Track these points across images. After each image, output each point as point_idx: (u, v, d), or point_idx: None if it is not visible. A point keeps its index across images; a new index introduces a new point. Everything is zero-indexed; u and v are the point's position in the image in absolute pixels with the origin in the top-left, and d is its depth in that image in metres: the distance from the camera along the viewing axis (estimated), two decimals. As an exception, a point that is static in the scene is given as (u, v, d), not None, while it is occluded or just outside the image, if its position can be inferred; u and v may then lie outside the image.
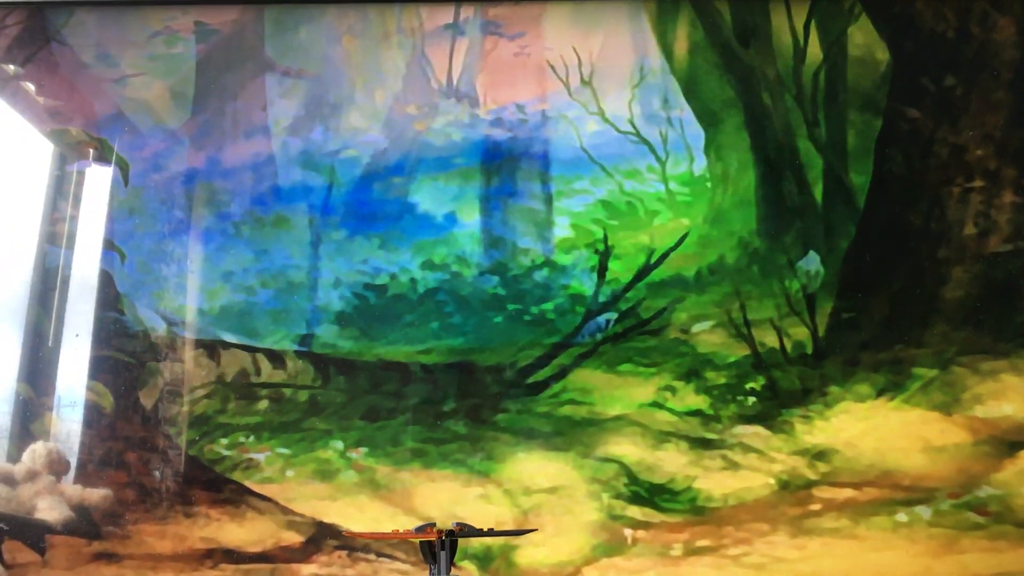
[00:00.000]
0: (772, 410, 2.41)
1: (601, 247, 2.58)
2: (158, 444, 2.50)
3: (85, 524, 2.42)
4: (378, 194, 2.67)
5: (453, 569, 1.72)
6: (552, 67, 2.71)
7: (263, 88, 2.78)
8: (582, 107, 2.67)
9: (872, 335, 2.44)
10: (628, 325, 2.52)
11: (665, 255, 2.57)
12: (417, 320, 2.56)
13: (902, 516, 2.30)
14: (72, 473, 2.48)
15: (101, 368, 2.57)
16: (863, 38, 2.66)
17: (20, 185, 2.75)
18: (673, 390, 2.45)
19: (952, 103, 2.58)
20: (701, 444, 2.40)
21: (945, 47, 2.63)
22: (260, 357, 2.57)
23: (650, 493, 2.38)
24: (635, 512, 2.37)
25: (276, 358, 2.57)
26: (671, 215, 2.59)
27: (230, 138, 2.74)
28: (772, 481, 2.36)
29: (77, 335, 2.60)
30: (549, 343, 2.52)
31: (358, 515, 2.41)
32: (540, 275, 2.57)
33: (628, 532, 2.36)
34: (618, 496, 2.39)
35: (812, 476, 2.36)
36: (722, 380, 2.45)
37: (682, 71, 2.68)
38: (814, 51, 2.67)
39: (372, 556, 2.38)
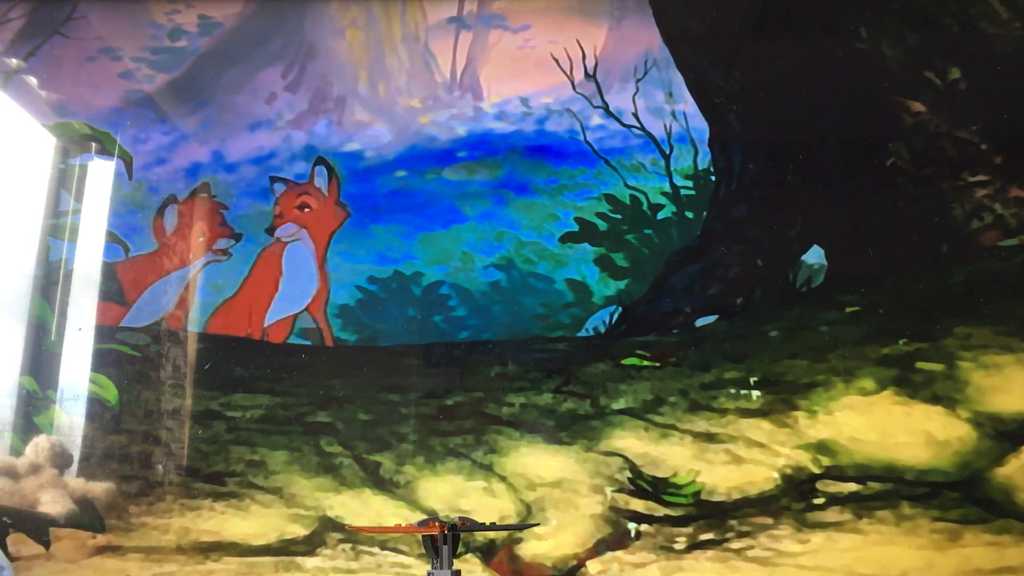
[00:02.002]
0: (776, 404, 2.41)
1: (605, 241, 2.58)
2: (161, 437, 2.50)
3: (89, 517, 2.42)
4: (381, 187, 2.67)
5: (456, 562, 1.72)
6: (556, 60, 2.71)
7: (267, 82, 2.78)
8: (586, 101, 2.67)
9: (876, 329, 2.44)
10: (632, 319, 2.52)
11: (669, 248, 2.56)
12: (421, 313, 2.56)
13: (906, 510, 2.30)
14: (75, 466, 2.48)
15: (104, 361, 2.56)
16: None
17: (23, 179, 2.74)
18: (677, 383, 2.45)
19: (957, 97, 2.58)
20: (705, 438, 2.40)
21: (950, 40, 2.62)
22: (264, 350, 2.57)
23: (654, 487, 2.38)
24: (639, 506, 2.37)
25: (279, 351, 2.57)
26: (675, 209, 2.59)
27: (234, 132, 2.74)
28: (776, 475, 2.35)
29: (80, 328, 2.59)
30: (553, 337, 2.52)
31: (362, 508, 2.41)
32: (544, 268, 2.57)
33: (632, 526, 2.35)
34: (621, 490, 2.38)
35: (815, 470, 2.35)
36: (726, 374, 2.44)
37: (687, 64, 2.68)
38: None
39: (376, 549, 2.38)
